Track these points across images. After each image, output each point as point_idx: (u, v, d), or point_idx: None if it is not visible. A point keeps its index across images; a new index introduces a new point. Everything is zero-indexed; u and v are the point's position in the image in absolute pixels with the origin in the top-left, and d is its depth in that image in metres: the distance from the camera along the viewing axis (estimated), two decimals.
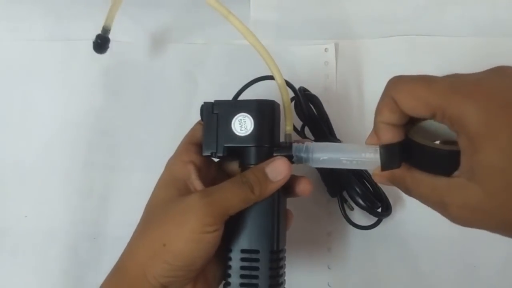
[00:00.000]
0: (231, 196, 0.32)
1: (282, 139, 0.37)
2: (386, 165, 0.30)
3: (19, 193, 0.48)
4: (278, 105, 0.37)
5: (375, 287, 0.45)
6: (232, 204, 0.32)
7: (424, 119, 0.29)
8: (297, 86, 0.42)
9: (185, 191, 0.34)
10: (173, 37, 0.54)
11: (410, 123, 0.30)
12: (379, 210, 0.42)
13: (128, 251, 0.34)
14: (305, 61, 0.51)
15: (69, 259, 0.46)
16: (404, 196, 0.46)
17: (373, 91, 0.50)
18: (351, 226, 0.44)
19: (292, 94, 0.41)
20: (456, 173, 0.27)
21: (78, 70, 0.53)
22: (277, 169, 0.34)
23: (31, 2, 0.54)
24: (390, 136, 0.30)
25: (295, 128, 0.44)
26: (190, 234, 0.31)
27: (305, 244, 0.46)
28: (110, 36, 0.48)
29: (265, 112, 0.36)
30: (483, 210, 0.26)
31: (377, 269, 0.45)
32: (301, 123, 0.46)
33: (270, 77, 0.37)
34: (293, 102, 0.44)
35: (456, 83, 0.27)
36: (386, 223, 0.45)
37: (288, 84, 0.38)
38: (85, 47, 0.53)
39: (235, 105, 0.36)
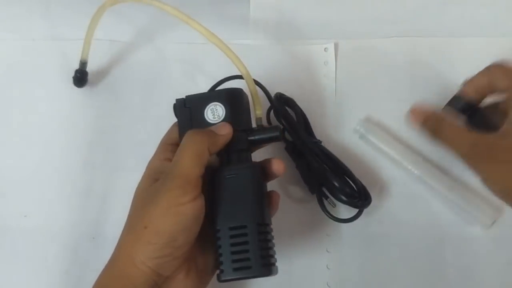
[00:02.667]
0: (189, 160, 0.34)
1: (254, 124, 0.39)
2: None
3: (19, 192, 0.48)
4: (245, 93, 0.39)
5: (374, 287, 0.45)
6: (192, 167, 0.34)
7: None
8: (296, 85, 0.43)
9: None
10: (173, 37, 0.54)
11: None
12: (359, 201, 0.43)
13: (117, 244, 0.35)
14: (304, 61, 0.52)
15: (69, 259, 0.46)
16: (406, 197, 0.46)
17: (372, 91, 0.50)
18: (351, 226, 0.44)
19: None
20: None
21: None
22: (221, 127, 0.36)
23: (31, 2, 0.54)
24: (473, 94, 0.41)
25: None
26: (166, 210, 0.32)
27: (304, 245, 0.46)
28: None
29: (234, 98, 0.38)
30: (503, 156, 0.36)
31: (376, 269, 0.45)
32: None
33: (239, 77, 0.40)
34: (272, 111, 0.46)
35: None
36: (386, 223, 0.45)
37: (264, 90, 0.42)
38: None
39: (205, 97, 0.38)
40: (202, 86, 0.51)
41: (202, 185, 0.34)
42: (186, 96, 0.39)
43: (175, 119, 0.40)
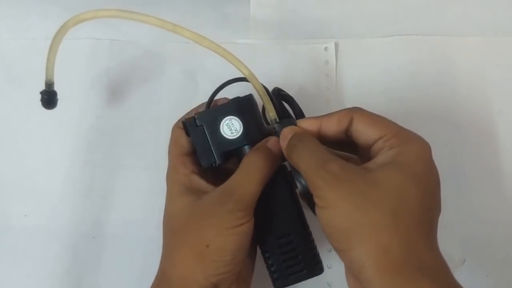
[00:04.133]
0: (254, 186, 0.33)
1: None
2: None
3: (19, 192, 0.48)
4: (254, 96, 0.38)
5: None
6: (256, 192, 0.33)
7: None
8: (297, 85, 0.42)
9: (202, 196, 0.35)
10: (173, 36, 0.54)
11: None
12: None
13: (168, 265, 0.34)
14: (305, 60, 0.52)
15: (69, 258, 0.46)
16: None
17: (373, 90, 0.50)
18: None
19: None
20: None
21: (78, 69, 0.52)
22: (274, 143, 0.35)
23: (31, 1, 0.54)
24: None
25: None
26: (227, 230, 0.32)
27: None
28: None
29: (246, 108, 0.37)
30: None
31: None
32: None
33: (242, 79, 0.38)
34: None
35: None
36: None
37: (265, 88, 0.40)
38: (86, 47, 0.53)
39: (217, 112, 0.36)
40: (203, 85, 0.51)
41: None
42: (195, 115, 0.37)
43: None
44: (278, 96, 0.45)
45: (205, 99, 0.39)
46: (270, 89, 0.43)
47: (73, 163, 0.49)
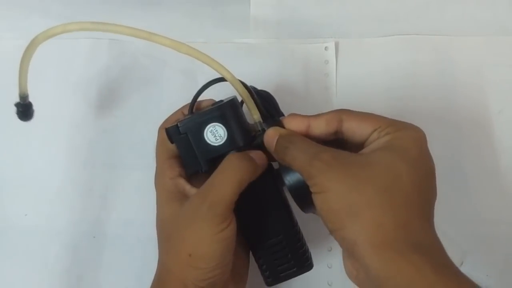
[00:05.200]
0: (230, 189, 0.32)
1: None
2: None
3: (19, 191, 0.48)
4: (237, 99, 0.37)
5: None
6: (233, 195, 0.33)
7: None
8: (297, 84, 0.42)
9: (184, 202, 0.35)
10: (173, 36, 0.54)
11: None
12: None
13: (163, 264, 0.35)
14: (305, 60, 0.52)
15: (69, 258, 0.46)
16: None
17: (373, 90, 0.50)
18: None
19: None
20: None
21: (78, 69, 0.52)
22: (259, 156, 0.35)
23: (31, 1, 0.54)
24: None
25: None
26: (209, 237, 0.32)
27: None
28: None
29: (230, 113, 0.36)
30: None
31: None
32: None
33: (221, 79, 0.37)
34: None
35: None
36: None
37: (246, 87, 0.38)
38: (85, 46, 0.53)
39: (200, 119, 0.35)
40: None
41: None
42: (178, 123, 0.36)
43: None
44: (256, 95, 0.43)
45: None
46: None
47: (73, 162, 0.49)
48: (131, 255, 0.46)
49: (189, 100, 0.38)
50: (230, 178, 0.33)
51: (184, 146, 0.36)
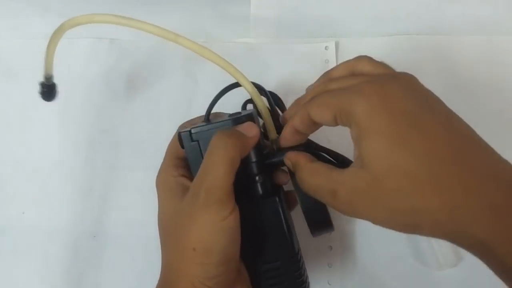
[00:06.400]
0: (222, 170, 0.31)
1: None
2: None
3: (19, 191, 0.48)
4: (255, 112, 0.36)
5: (375, 286, 0.45)
6: (226, 177, 0.31)
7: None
8: (297, 84, 0.42)
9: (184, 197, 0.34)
10: None
11: None
12: None
13: (169, 265, 0.34)
14: (305, 59, 0.52)
15: (69, 257, 0.46)
16: None
17: None
18: (352, 225, 0.45)
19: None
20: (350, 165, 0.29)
21: (79, 68, 0.53)
22: (248, 128, 0.34)
23: (31, 0, 0.54)
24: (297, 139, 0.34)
25: None
26: (211, 228, 0.31)
27: (306, 243, 0.46)
28: None
29: None
30: (370, 195, 0.27)
31: (378, 268, 0.45)
32: None
33: (236, 85, 0.36)
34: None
35: (349, 86, 0.31)
36: None
37: (256, 85, 0.37)
38: (86, 46, 0.53)
39: (214, 129, 0.34)
40: (203, 85, 0.51)
41: None
42: (191, 129, 0.35)
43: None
44: (274, 97, 0.43)
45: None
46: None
47: (74, 162, 0.49)
48: (132, 255, 0.46)
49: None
50: (221, 158, 0.31)
51: (194, 154, 0.35)
